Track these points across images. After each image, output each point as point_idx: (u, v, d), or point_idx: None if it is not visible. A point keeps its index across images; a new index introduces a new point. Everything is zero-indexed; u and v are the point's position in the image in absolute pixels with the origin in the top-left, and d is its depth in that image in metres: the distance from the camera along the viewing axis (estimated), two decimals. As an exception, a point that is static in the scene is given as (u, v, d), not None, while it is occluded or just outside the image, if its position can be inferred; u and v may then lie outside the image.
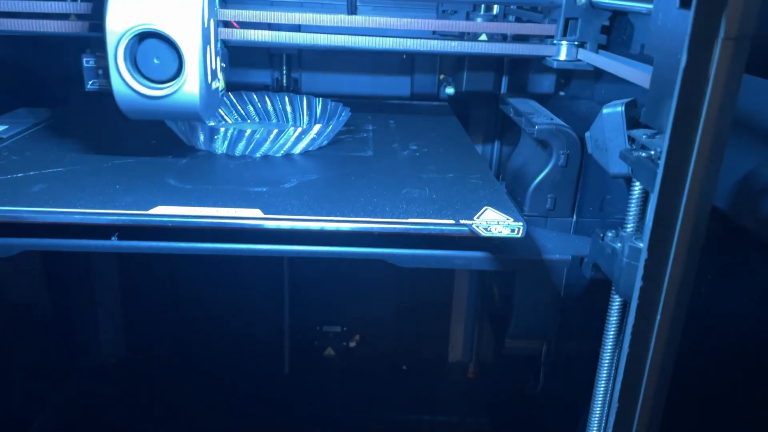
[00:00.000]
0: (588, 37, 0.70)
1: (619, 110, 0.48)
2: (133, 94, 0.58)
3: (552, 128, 0.68)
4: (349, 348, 1.24)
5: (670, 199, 0.39)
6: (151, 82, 0.57)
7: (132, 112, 0.60)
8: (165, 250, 0.59)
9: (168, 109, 0.59)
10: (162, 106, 0.59)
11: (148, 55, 0.57)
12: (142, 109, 0.59)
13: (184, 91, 0.58)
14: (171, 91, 0.57)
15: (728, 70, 0.36)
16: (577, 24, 0.69)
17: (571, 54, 0.71)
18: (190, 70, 0.57)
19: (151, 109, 0.59)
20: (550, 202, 0.70)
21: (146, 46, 0.56)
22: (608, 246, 0.49)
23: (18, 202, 0.56)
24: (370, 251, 0.60)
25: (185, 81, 0.57)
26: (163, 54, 0.57)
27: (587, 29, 0.70)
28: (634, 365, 0.44)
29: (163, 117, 0.63)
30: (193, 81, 0.57)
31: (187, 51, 0.56)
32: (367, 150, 0.76)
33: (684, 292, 0.42)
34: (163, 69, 0.57)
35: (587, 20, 0.69)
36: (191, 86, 0.58)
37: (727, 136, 0.38)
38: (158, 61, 0.57)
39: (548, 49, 0.72)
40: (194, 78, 0.57)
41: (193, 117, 0.61)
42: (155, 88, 0.57)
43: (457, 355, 1.26)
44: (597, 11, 0.69)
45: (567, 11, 0.69)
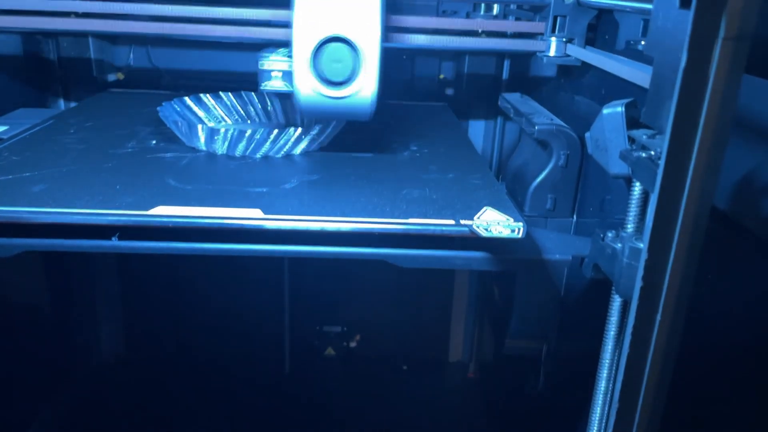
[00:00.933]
0: (575, 33, 0.75)
1: (619, 110, 0.48)
2: (318, 97, 0.63)
3: (552, 128, 0.68)
4: (349, 348, 1.24)
5: (671, 200, 0.39)
6: (330, 84, 0.62)
7: (311, 112, 0.65)
8: (165, 250, 0.59)
9: (344, 109, 0.64)
10: (339, 107, 0.64)
11: (330, 58, 0.61)
12: (321, 110, 0.64)
13: (361, 93, 0.63)
14: (349, 93, 0.63)
15: (728, 70, 0.36)
16: (566, 21, 0.74)
17: (560, 50, 0.75)
18: (369, 74, 0.62)
19: (330, 110, 0.64)
20: (551, 202, 0.70)
21: (329, 50, 0.61)
22: (608, 246, 0.49)
23: (18, 202, 0.56)
24: (370, 251, 0.60)
25: (364, 84, 0.62)
26: (343, 57, 0.62)
27: (575, 26, 0.74)
28: (635, 365, 0.44)
29: (337, 117, 0.68)
30: (370, 84, 0.63)
31: (367, 56, 0.61)
32: (368, 150, 0.76)
33: (684, 292, 0.42)
34: (341, 71, 0.62)
35: (575, 18, 0.74)
36: (368, 90, 0.63)
37: (727, 136, 0.38)
38: (339, 65, 0.62)
39: (538, 45, 0.76)
40: (371, 81, 0.63)
41: (364, 117, 0.65)
42: (335, 89, 0.63)
43: (457, 355, 1.26)
44: (584, 9, 0.74)
45: (555, 9, 0.74)
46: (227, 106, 0.86)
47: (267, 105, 0.87)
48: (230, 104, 0.86)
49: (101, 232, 0.58)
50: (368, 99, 0.63)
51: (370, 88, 0.63)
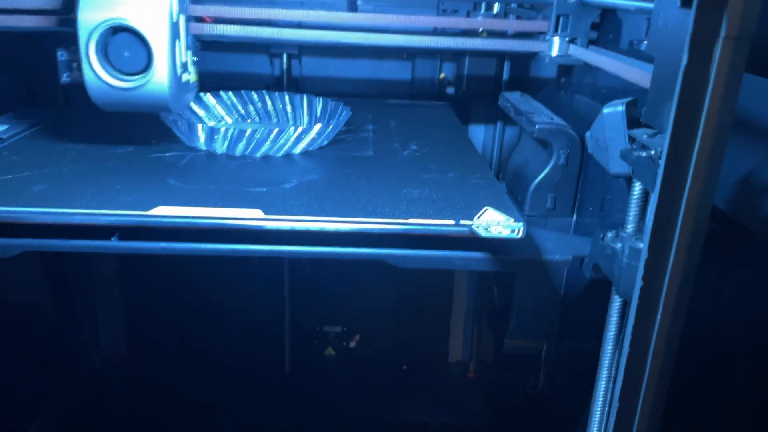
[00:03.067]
0: (579, 33, 0.73)
1: (619, 110, 0.48)
2: (105, 86, 0.60)
3: (552, 128, 0.68)
4: (349, 348, 1.24)
5: (671, 199, 0.39)
6: (121, 74, 0.60)
7: (104, 103, 0.62)
8: (165, 250, 0.59)
9: (139, 100, 0.62)
10: (133, 97, 0.61)
11: (119, 48, 0.59)
12: (113, 101, 0.62)
13: (153, 83, 0.60)
14: (141, 83, 0.60)
15: (729, 69, 0.36)
16: (569, 21, 0.73)
17: (563, 49, 0.74)
18: (159, 63, 0.60)
19: (123, 100, 0.62)
20: (551, 201, 0.70)
21: (117, 40, 0.59)
22: (608, 246, 0.49)
23: (18, 202, 0.56)
24: (370, 252, 0.60)
25: (154, 73, 0.60)
26: (133, 47, 0.59)
27: (578, 26, 0.73)
28: (635, 365, 0.44)
29: (134, 108, 0.64)
30: (162, 73, 0.60)
31: (155, 44, 0.59)
32: (368, 150, 0.76)
33: (684, 291, 0.42)
34: (133, 62, 0.60)
35: (578, 17, 0.73)
36: (160, 78, 0.60)
37: (727, 136, 0.38)
38: (128, 54, 0.60)
39: (541, 44, 0.75)
40: (163, 70, 0.60)
41: (162, 108, 0.63)
42: (126, 80, 0.60)
43: (457, 355, 1.26)
44: (587, 8, 0.73)
45: (558, 8, 0.73)
46: (227, 105, 0.86)
47: (267, 104, 0.87)
48: (230, 103, 0.86)
49: (101, 232, 0.58)
50: (164, 87, 0.61)
51: (162, 77, 0.61)
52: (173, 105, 0.63)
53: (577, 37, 0.74)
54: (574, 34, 0.74)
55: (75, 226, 0.56)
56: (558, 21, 0.73)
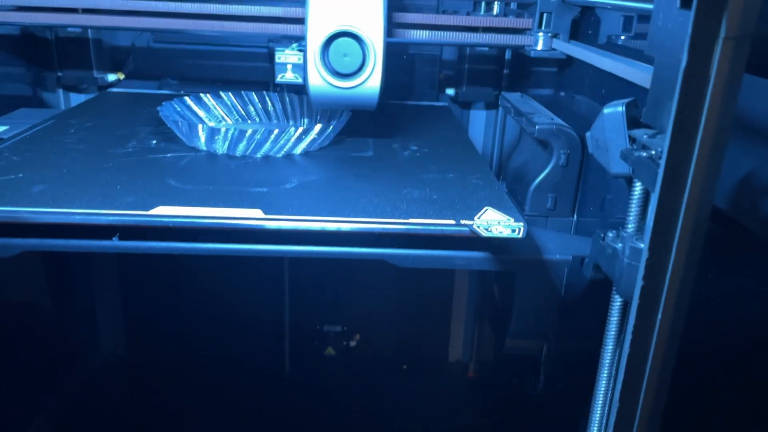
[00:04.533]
0: (561, 28, 0.81)
1: (619, 110, 0.48)
2: (326, 87, 0.68)
3: (552, 128, 0.68)
4: (349, 348, 1.24)
5: (671, 199, 0.39)
6: (339, 76, 0.68)
7: (321, 102, 0.70)
8: (165, 250, 0.58)
9: (352, 99, 0.69)
10: (348, 96, 0.69)
11: (339, 51, 0.67)
12: (330, 100, 0.70)
13: (368, 84, 0.68)
14: (357, 83, 0.68)
15: (729, 69, 0.36)
16: (551, 17, 0.80)
17: (547, 44, 0.81)
18: (375, 66, 0.67)
19: (337, 99, 0.69)
20: (551, 201, 0.70)
21: (338, 44, 0.66)
22: (609, 246, 0.49)
23: (18, 202, 0.56)
24: (370, 251, 0.60)
25: (370, 76, 0.68)
26: (351, 51, 0.67)
27: (560, 22, 0.81)
28: (635, 365, 0.44)
29: (346, 107, 0.73)
30: (376, 75, 0.68)
31: (373, 49, 0.67)
32: (368, 150, 0.76)
33: (684, 291, 0.42)
34: (350, 64, 0.67)
35: (560, 14, 0.80)
36: (374, 80, 0.68)
37: (727, 136, 0.38)
38: (347, 58, 0.67)
39: (527, 39, 0.82)
40: (377, 73, 0.68)
41: (369, 107, 0.71)
42: (344, 80, 0.68)
43: (457, 355, 1.26)
44: (568, 6, 0.80)
45: (542, 6, 0.80)
46: (227, 105, 0.86)
47: (267, 105, 0.87)
48: (230, 104, 0.86)
49: (101, 232, 0.58)
50: (375, 89, 0.68)
51: (376, 79, 0.68)
52: (377, 104, 0.70)
53: (560, 33, 0.81)
54: (557, 29, 0.81)
55: (75, 226, 0.55)
56: (541, 18, 0.80)
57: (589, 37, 0.81)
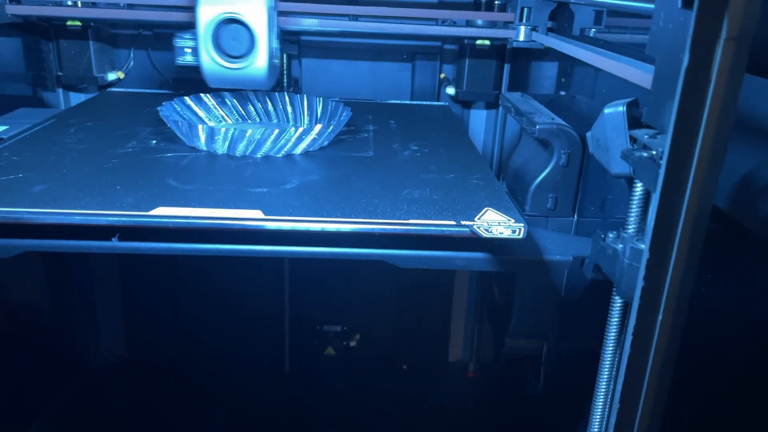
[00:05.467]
0: (539, 21, 0.89)
1: (620, 110, 0.48)
2: (218, 67, 0.77)
3: (553, 128, 0.68)
4: (349, 348, 1.23)
5: (672, 199, 0.39)
6: (229, 57, 0.77)
7: (214, 81, 0.79)
8: (165, 251, 0.58)
9: (242, 78, 0.78)
10: (237, 76, 0.78)
11: (229, 35, 0.76)
12: (222, 79, 0.78)
13: (255, 65, 0.77)
14: (245, 65, 0.77)
15: (730, 70, 0.36)
16: (531, 12, 0.89)
17: (527, 36, 0.89)
18: (260, 49, 0.76)
19: (229, 78, 0.78)
20: (551, 201, 0.70)
21: (227, 29, 0.76)
22: (609, 247, 0.49)
23: (18, 202, 0.56)
24: (370, 252, 0.60)
25: (256, 57, 0.76)
26: (240, 35, 0.76)
27: (539, 16, 0.89)
28: (636, 366, 0.44)
29: (236, 85, 0.80)
30: (262, 57, 0.77)
31: (258, 34, 0.75)
32: (368, 150, 0.76)
33: (685, 292, 0.42)
34: (238, 47, 0.76)
35: (539, 8, 0.89)
36: (260, 61, 0.77)
37: (728, 136, 0.38)
38: (235, 41, 0.76)
39: (509, 32, 0.91)
40: (263, 55, 0.76)
41: (260, 86, 0.80)
42: (234, 62, 0.77)
43: (457, 355, 1.26)
44: (546, 1, 0.88)
45: (522, 1, 0.88)
46: (227, 105, 0.86)
47: (267, 105, 0.87)
48: (230, 104, 0.86)
49: (101, 233, 0.58)
50: (262, 70, 0.77)
51: (262, 60, 0.77)
52: (267, 83, 0.79)
53: (538, 26, 0.89)
54: (536, 22, 0.89)
55: (75, 226, 0.55)
56: (522, 12, 0.89)
57: (564, 29, 0.88)
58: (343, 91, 1.03)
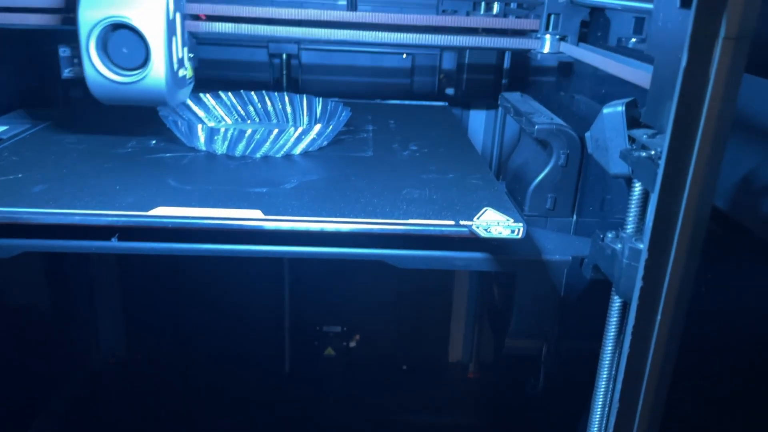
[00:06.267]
0: (569, 31, 0.76)
1: (619, 110, 0.48)
2: (105, 81, 0.63)
3: (552, 128, 0.68)
4: (349, 348, 1.24)
5: (671, 199, 0.39)
6: (120, 69, 0.63)
7: (104, 97, 0.64)
8: (165, 251, 0.58)
9: (137, 94, 0.64)
10: (131, 91, 0.63)
11: (118, 44, 0.62)
12: (113, 95, 0.64)
13: (151, 77, 0.63)
14: (139, 78, 0.63)
15: (729, 69, 0.36)
16: (559, 19, 0.76)
17: (554, 47, 0.76)
18: (156, 59, 0.62)
19: (122, 94, 0.64)
20: (550, 201, 0.70)
21: (116, 36, 0.62)
22: (608, 247, 0.49)
23: (18, 203, 0.56)
24: (370, 252, 0.60)
25: (152, 69, 0.62)
26: (131, 44, 0.62)
27: (568, 24, 0.76)
28: (635, 365, 0.44)
29: (132, 102, 0.66)
30: (159, 68, 0.62)
31: (152, 41, 0.61)
32: (367, 150, 0.76)
33: (684, 292, 0.42)
34: (131, 57, 0.62)
35: (568, 16, 0.76)
36: (157, 73, 0.63)
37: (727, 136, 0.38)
38: (127, 50, 0.62)
39: (533, 42, 0.77)
40: (160, 66, 0.62)
41: (159, 102, 0.66)
42: (124, 74, 0.63)
43: (457, 355, 1.26)
44: (577, 7, 0.75)
45: (550, 7, 0.75)
46: (227, 105, 0.86)
47: (267, 105, 0.87)
48: (230, 104, 0.86)
49: (101, 233, 0.58)
50: (161, 82, 0.63)
51: (159, 72, 0.63)
52: (170, 99, 0.65)
53: (568, 35, 0.76)
54: (565, 32, 0.76)
55: (75, 226, 0.56)
56: (549, 19, 0.76)
57: (598, 39, 0.77)
58: (343, 91, 1.03)
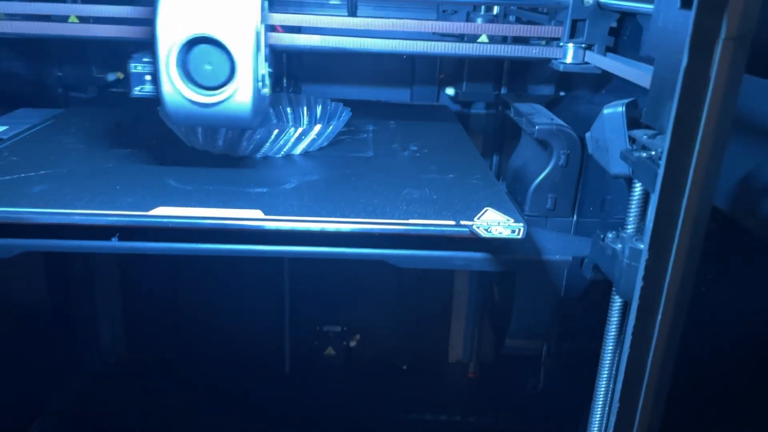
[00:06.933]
0: (595, 39, 0.68)
1: (619, 111, 0.48)
2: (185, 102, 0.55)
3: (552, 128, 0.68)
4: (349, 348, 1.24)
5: (671, 199, 0.39)
6: (201, 88, 0.55)
7: (181, 119, 0.58)
8: (165, 251, 0.58)
9: (219, 116, 0.57)
10: (213, 113, 0.56)
11: (200, 60, 0.54)
12: (192, 117, 0.57)
13: (235, 98, 0.55)
14: (222, 98, 0.55)
15: (729, 70, 0.36)
16: (585, 26, 0.68)
17: (578, 57, 0.69)
18: (242, 77, 0.55)
19: (202, 116, 0.57)
20: (551, 202, 0.70)
21: (198, 52, 0.54)
22: (609, 247, 0.49)
23: (18, 202, 0.56)
24: (370, 252, 0.60)
25: (237, 88, 0.55)
26: (215, 60, 0.54)
27: (595, 31, 0.68)
28: (635, 365, 0.44)
29: (212, 124, 0.61)
30: (245, 88, 0.55)
31: (239, 57, 0.54)
32: (368, 151, 0.76)
33: (684, 292, 0.42)
34: (214, 75, 0.55)
35: (595, 22, 0.67)
36: (243, 93, 0.55)
37: (727, 136, 0.38)
38: (210, 67, 0.55)
39: (555, 51, 0.70)
40: (246, 85, 0.55)
41: (244, 124, 0.58)
42: (207, 95, 0.55)
43: (457, 355, 1.26)
44: (605, 13, 0.67)
45: (574, 12, 0.67)
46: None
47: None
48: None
49: (101, 233, 0.58)
50: (246, 104, 0.56)
51: (245, 92, 0.55)
52: (253, 121, 0.58)
53: (594, 44, 0.68)
54: (591, 40, 0.68)
55: (75, 226, 0.55)
56: (574, 26, 0.68)
57: (629, 48, 0.68)
58: (343, 91, 1.03)
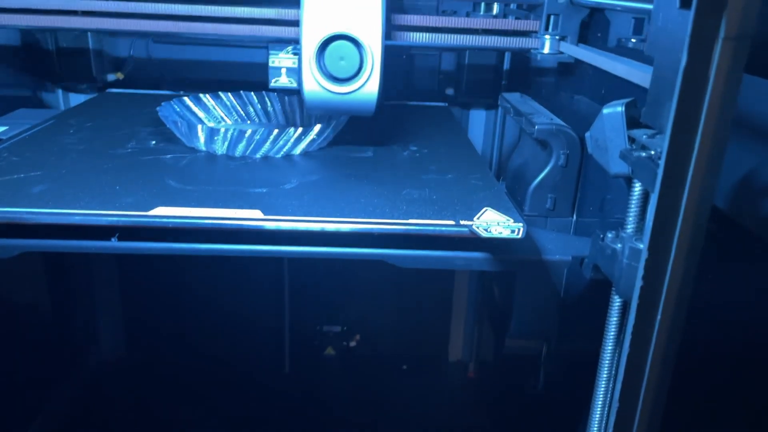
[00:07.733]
0: (568, 31, 0.77)
1: (619, 110, 0.48)
2: (323, 92, 0.65)
3: (552, 128, 0.68)
4: (349, 348, 1.24)
5: (671, 199, 0.39)
6: (335, 80, 0.64)
7: (316, 107, 0.67)
8: (165, 251, 0.58)
9: (350, 104, 0.66)
10: (345, 101, 0.66)
11: (335, 55, 0.64)
12: (325, 105, 0.66)
13: (366, 88, 0.65)
14: (355, 88, 0.65)
15: (728, 70, 0.36)
16: (559, 19, 0.76)
17: (554, 47, 0.77)
18: (373, 71, 0.64)
19: (335, 104, 0.66)
20: (550, 202, 0.70)
21: (335, 47, 0.63)
22: (608, 247, 0.49)
23: (18, 203, 0.56)
24: (370, 252, 0.60)
25: (368, 79, 0.64)
26: (347, 54, 0.64)
27: (568, 24, 0.76)
28: (635, 365, 0.44)
29: (340, 112, 0.71)
30: (374, 79, 0.65)
31: (371, 51, 0.63)
32: (367, 151, 0.76)
33: (684, 291, 0.42)
34: (346, 68, 0.64)
35: (568, 16, 0.76)
36: (372, 84, 0.65)
37: (727, 136, 0.38)
38: (343, 62, 0.64)
39: (533, 42, 0.78)
40: (375, 76, 0.65)
41: (368, 112, 0.67)
42: (342, 86, 0.65)
43: (457, 355, 1.26)
44: (576, 8, 0.76)
45: (549, 8, 0.76)
46: (227, 106, 0.86)
47: (267, 105, 0.87)
48: (230, 104, 0.86)
49: (101, 233, 0.58)
50: (372, 95, 0.65)
51: (374, 84, 0.65)
52: (376, 108, 0.67)
53: (567, 36, 0.77)
54: (564, 32, 0.77)
55: (75, 226, 0.55)
56: (549, 20, 0.77)
57: (598, 40, 0.77)
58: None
